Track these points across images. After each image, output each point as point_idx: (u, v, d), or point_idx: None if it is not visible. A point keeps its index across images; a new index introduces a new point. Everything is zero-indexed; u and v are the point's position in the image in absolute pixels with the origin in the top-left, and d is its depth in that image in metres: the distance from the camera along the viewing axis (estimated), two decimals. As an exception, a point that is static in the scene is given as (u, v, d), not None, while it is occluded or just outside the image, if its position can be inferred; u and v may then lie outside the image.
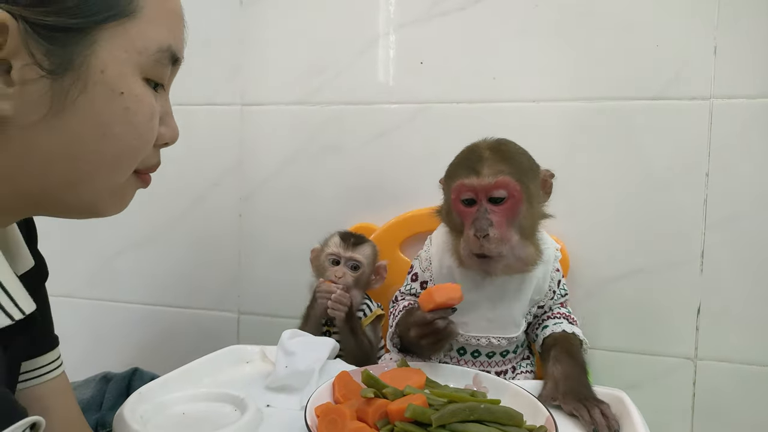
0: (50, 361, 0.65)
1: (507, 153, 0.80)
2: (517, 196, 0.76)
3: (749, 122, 1.02)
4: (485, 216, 0.76)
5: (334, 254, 0.99)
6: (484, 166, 0.77)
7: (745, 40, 1.01)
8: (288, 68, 1.24)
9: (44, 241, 1.52)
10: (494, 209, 0.77)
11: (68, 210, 0.50)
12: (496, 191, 0.76)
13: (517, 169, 0.78)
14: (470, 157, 0.80)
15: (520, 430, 0.55)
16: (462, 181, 0.78)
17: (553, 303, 0.89)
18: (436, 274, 0.88)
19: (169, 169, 1.33)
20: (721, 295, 1.04)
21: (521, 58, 1.12)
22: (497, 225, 0.76)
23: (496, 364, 0.86)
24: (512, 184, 0.76)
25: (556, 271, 0.88)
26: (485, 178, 0.76)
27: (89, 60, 0.43)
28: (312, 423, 0.56)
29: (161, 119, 0.52)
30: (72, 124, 0.43)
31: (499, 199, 0.76)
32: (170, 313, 1.35)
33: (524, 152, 0.83)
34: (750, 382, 1.03)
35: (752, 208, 1.02)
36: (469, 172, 0.78)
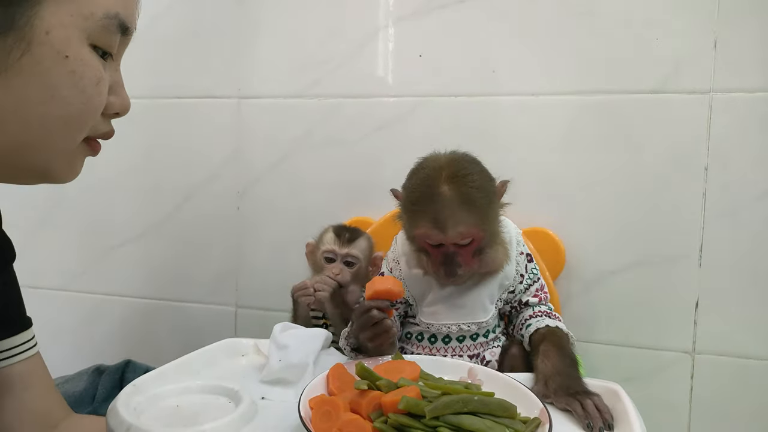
0: (20, 342, 0.65)
1: (467, 196, 0.78)
2: (480, 236, 0.79)
3: (749, 116, 1.01)
4: (453, 260, 0.80)
5: (329, 252, 0.99)
6: (449, 221, 0.77)
7: (745, 33, 1.01)
8: (286, 61, 1.24)
9: (41, 233, 1.53)
10: (460, 251, 0.80)
11: (19, 174, 0.50)
12: (463, 241, 0.79)
13: (479, 211, 0.79)
14: (431, 203, 0.79)
15: (513, 421, 0.54)
16: (428, 234, 0.79)
17: (525, 289, 0.88)
18: (405, 273, 0.88)
19: (166, 162, 1.34)
20: (719, 289, 1.04)
21: (520, 52, 1.11)
22: (464, 263, 0.80)
23: (468, 348, 0.87)
24: (477, 232, 0.78)
25: (521, 254, 0.88)
26: (452, 236, 0.78)
27: (33, 21, 0.43)
28: (306, 415, 0.55)
29: (112, 89, 0.52)
30: (17, 85, 0.44)
31: (465, 245, 0.79)
32: (167, 306, 1.35)
33: (482, 178, 0.81)
34: (748, 376, 1.03)
35: (751, 202, 1.02)
36: (434, 226, 0.78)
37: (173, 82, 1.30)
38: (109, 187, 1.37)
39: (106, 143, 1.46)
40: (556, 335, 0.81)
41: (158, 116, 1.32)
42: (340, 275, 0.96)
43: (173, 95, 1.31)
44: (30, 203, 1.43)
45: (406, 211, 0.84)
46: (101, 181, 1.38)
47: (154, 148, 1.33)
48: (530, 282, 0.88)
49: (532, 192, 1.11)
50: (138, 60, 1.33)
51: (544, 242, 1.08)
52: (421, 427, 0.51)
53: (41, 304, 1.43)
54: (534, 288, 0.88)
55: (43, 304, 1.43)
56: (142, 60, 1.32)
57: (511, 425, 0.54)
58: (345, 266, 0.98)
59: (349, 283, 0.97)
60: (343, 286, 0.96)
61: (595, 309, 1.09)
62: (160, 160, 1.33)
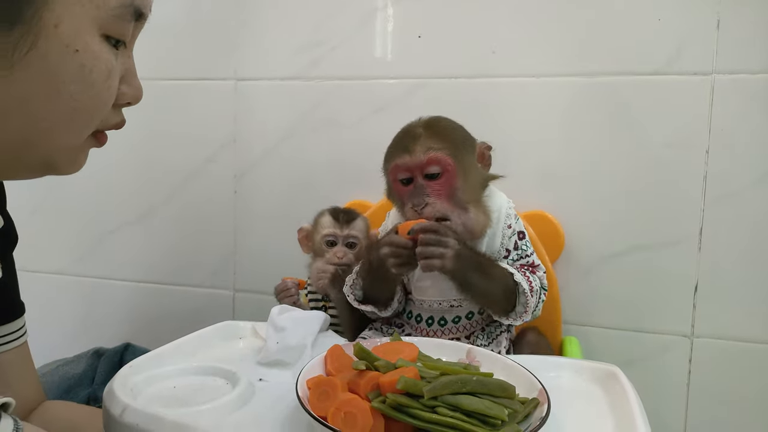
0: (12, 330, 0.64)
1: (439, 129, 0.82)
2: (451, 170, 0.79)
3: (751, 98, 1.00)
4: (422, 190, 0.80)
5: (329, 235, 0.98)
6: (417, 144, 0.80)
7: (748, 13, 0.99)
8: (283, 42, 1.22)
9: (37, 217, 1.53)
10: (430, 184, 0.80)
11: (24, 169, 0.48)
12: (430, 167, 0.79)
13: (450, 144, 0.80)
14: (403, 138, 0.84)
15: (512, 402, 0.54)
16: (396, 162, 0.82)
17: (511, 262, 0.87)
18: None
19: (163, 145, 1.33)
20: (718, 273, 1.04)
21: (521, 33, 1.10)
22: (435, 196, 0.80)
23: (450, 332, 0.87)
24: (445, 159, 0.79)
25: (508, 227, 0.87)
26: (418, 156, 0.79)
27: (41, 13, 0.40)
28: (303, 395, 0.55)
29: (123, 78, 0.50)
30: (23, 79, 0.41)
31: (434, 175, 0.80)
32: (165, 291, 1.35)
33: (458, 127, 0.86)
34: (746, 359, 1.03)
35: (752, 185, 1.01)
36: (403, 152, 0.81)
37: (169, 64, 1.29)
38: (105, 170, 1.36)
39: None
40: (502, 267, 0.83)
41: (154, 98, 1.30)
42: (344, 258, 0.96)
43: (169, 77, 1.29)
44: (27, 187, 1.42)
45: (384, 160, 0.86)
46: (98, 165, 1.36)
47: (151, 131, 1.32)
48: (517, 256, 0.87)
49: (531, 175, 1.10)
50: (135, 42, 1.31)
51: (544, 226, 1.08)
52: (420, 407, 0.51)
53: (40, 288, 1.43)
54: (519, 263, 0.87)
55: (42, 288, 1.42)
56: (138, 41, 1.31)
57: (510, 405, 0.53)
58: (347, 248, 0.97)
59: (353, 265, 0.97)
60: (350, 266, 0.96)
61: (594, 292, 1.09)
62: (157, 143, 1.32)
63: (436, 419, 0.50)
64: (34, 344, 0.72)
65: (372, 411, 0.51)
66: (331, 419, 0.51)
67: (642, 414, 0.58)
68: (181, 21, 1.28)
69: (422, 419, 0.50)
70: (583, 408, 0.63)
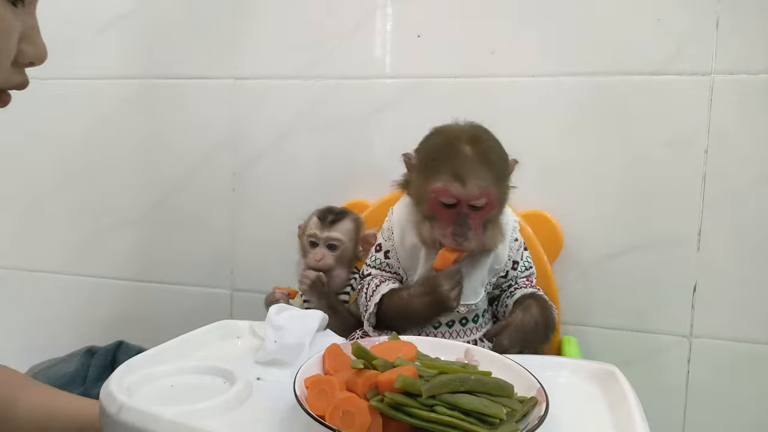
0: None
1: (488, 156, 0.80)
2: (495, 201, 0.80)
3: (750, 98, 1.00)
4: (465, 222, 0.79)
5: (312, 236, 0.98)
6: (470, 175, 0.78)
7: (748, 14, 0.99)
8: (282, 41, 1.22)
9: (33, 216, 1.52)
10: (473, 215, 0.79)
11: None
12: (479, 201, 0.79)
13: (497, 173, 0.80)
14: (453, 158, 0.80)
15: (511, 401, 0.54)
16: (446, 188, 0.79)
17: (517, 275, 0.89)
18: (397, 244, 0.89)
19: (161, 143, 1.32)
20: (717, 273, 1.04)
21: (520, 33, 1.10)
22: (474, 228, 0.79)
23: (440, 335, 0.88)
24: (494, 194, 0.79)
25: (515, 240, 0.89)
26: (471, 190, 0.78)
27: None
28: (301, 394, 0.55)
29: (25, 36, 0.48)
30: None
31: (479, 207, 0.79)
32: (162, 290, 1.34)
33: (499, 147, 0.84)
34: (745, 360, 1.03)
35: (751, 185, 1.01)
36: (454, 178, 0.78)
37: (168, 62, 1.29)
38: (103, 169, 1.36)
39: (103, 125, 1.45)
40: (542, 299, 0.84)
41: (153, 97, 1.31)
42: (321, 261, 0.95)
43: (168, 75, 1.29)
44: (25, 186, 1.42)
45: (423, 168, 0.83)
46: (95, 163, 1.37)
47: (149, 129, 1.32)
48: (524, 268, 0.90)
49: (530, 174, 1.10)
50: (132, 40, 1.31)
51: (542, 225, 1.08)
52: (418, 406, 0.51)
53: (37, 288, 1.42)
54: (526, 274, 0.90)
55: (39, 287, 1.42)
56: (137, 40, 1.31)
57: (508, 404, 0.53)
58: (328, 250, 0.97)
59: (333, 267, 0.96)
60: (325, 271, 0.96)
61: (593, 292, 1.09)
62: (155, 141, 1.32)
63: (435, 418, 0.50)
64: (32, 342, 0.72)
65: (370, 410, 0.51)
66: (329, 418, 0.51)
67: (641, 414, 0.57)
68: (180, 19, 1.27)
69: (420, 418, 0.50)
70: (582, 407, 0.63)
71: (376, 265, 0.91)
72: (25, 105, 1.43)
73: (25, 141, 1.41)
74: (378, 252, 0.92)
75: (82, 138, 1.36)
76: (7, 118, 1.40)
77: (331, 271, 0.96)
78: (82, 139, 1.37)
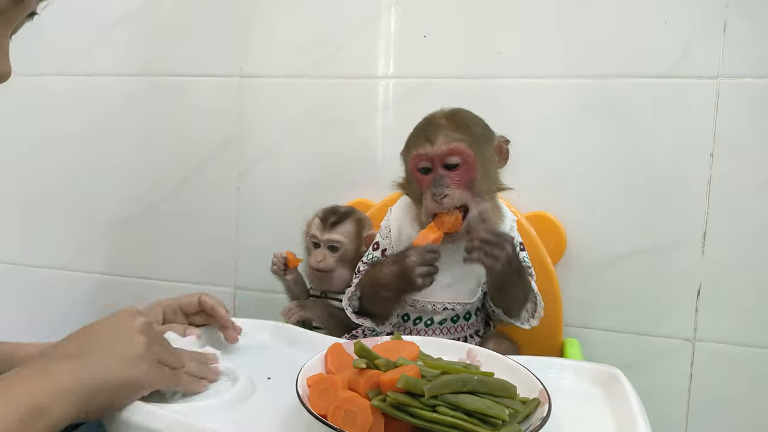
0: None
1: (461, 121, 0.83)
2: (471, 161, 0.80)
3: (756, 102, 1.00)
4: (442, 180, 0.80)
5: (313, 237, 0.99)
6: (439, 134, 0.81)
7: (755, 17, 0.99)
8: (289, 40, 1.22)
9: (40, 213, 1.52)
10: (449, 174, 0.81)
11: None
12: (450, 158, 0.80)
13: (470, 135, 0.82)
14: (426, 127, 0.85)
15: (513, 401, 0.54)
16: (418, 151, 0.82)
17: None
18: (395, 241, 0.90)
19: (166, 141, 1.33)
20: (721, 277, 1.03)
21: (526, 34, 1.10)
22: (454, 185, 0.80)
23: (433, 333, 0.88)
24: (465, 150, 0.80)
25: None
26: (439, 146, 0.80)
27: None
28: (303, 393, 0.55)
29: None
30: None
31: (454, 165, 0.80)
32: (166, 287, 1.35)
33: (479, 120, 0.86)
34: (748, 364, 1.03)
35: (757, 189, 1.01)
36: (424, 141, 0.82)
37: (174, 60, 1.29)
38: (107, 166, 1.36)
39: (107, 122, 1.46)
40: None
41: (158, 94, 1.31)
42: (322, 262, 0.96)
43: (174, 73, 1.29)
44: (30, 182, 1.42)
45: (405, 149, 0.87)
46: (100, 160, 1.37)
47: (154, 127, 1.32)
48: None
49: (534, 176, 1.10)
50: (138, 37, 1.32)
51: (546, 227, 1.08)
52: (420, 406, 0.51)
53: (41, 284, 1.43)
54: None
55: (43, 283, 1.42)
56: (143, 37, 1.31)
57: (511, 405, 0.53)
58: (329, 251, 0.97)
59: (335, 268, 0.97)
60: (327, 272, 0.96)
61: (596, 295, 1.09)
62: (160, 138, 1.32)
63: (437, 418, 0.50)
64: (33, 338, 0.72)
65: (372, 409, 0.51)
66: (331, 417, 0.51)
67: (643, 417, 0.57)
68: (187, 17, 1.28)
69: (422, 418, 0.50)
70: (584, 409, 0.63)
71: (372, 263, 0.92)
72: (29, 101, 1.45)
73: (29, 137, 1.41)
74: (375, 250, 0.92)
75: (87, 135, 1.37)
76: (11, 115, 1.41)
77: (332, 272, 0.96)
78: (87, 136, 1.37)
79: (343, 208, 1.02)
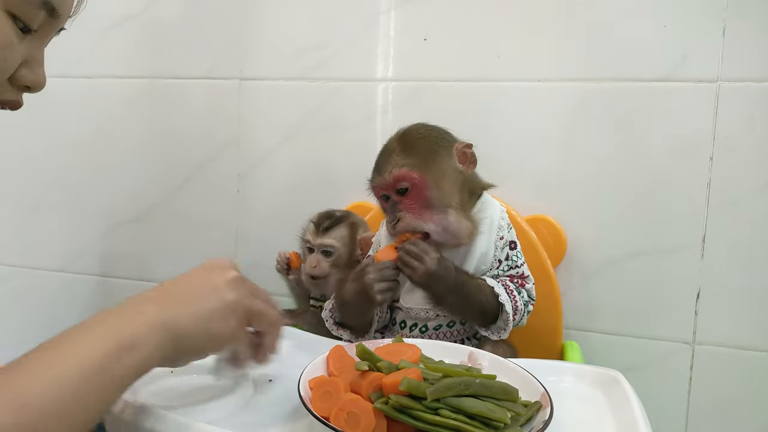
0: None
1: (407, 142, 0.84)
2: (419, 182, 0.80)
3: (756, 106, 1.00)
4: (394, 208, 0.82)
5: (307, 242, 0.99)
6: (386, 163, 0.82)
7: (754, 22, 0.99)
8: (288, 43, 1.22)
9: (41, 214, 1.52)
10: (402, 200, 0.81)
11: None
12: (399, 184, 0.81)
13: (417, 157, 0.82)
14: (380, 155, 0.86)
15: (515, 405, 0.54)
16: (372, 183, 0.85)
17: (501, 272, 0.86)
18: None
19: (166, 143, 1.33)
20: (721, 281, 1.03)
21: (526, 37, 1.10)
22: (407, 210, 0.81)
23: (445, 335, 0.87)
24: (409, 175, 0.80)
25: (500, 239, 0.86)
26: (385, 177, 0.81)
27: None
28: (306, 395, 0.55)
29: (28, 63, 0.53)
30: None
31: (405, 190, 0.81)
32: (166, 288, 1.34)
33: (429, 135, 0.86)
34: (747, 367, 1.03)
35: (756, 193, 1.01)
36: (375, 172, 0.84)
37: (174, 62, 1.29)
38: (107, 167, 1.36)
39: (108, 124, 1.45)
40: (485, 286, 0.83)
41: (158, 97, 1.31)
42: (317, 267, 0.96)
43: (174, 75, 1.29)
44: (29, 184, 1.42)
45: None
46: (100, 161, 1.37)
47: (154, 129, 1.32)
48: (507, 267, 0.87)
49: (535, 178, 1.10)
50: (139, 39, 1.32)
51: (546, 230, 1.08)
52: (422, 409, 0.51)
53: (40, 286, 1.42)
54: (510, 273, 0.87)
55: (43, 285, 1.42)
56: (143, 39, 1.31)
57: (513, 409, 0.53)
58: (323, 256, 0.97)
59: (330, 272, 0.96)
60: (322, 277, 0.96)
61: (596, 298, 1.09)
62: (160, 141, 1.32)
63: (439, 421, 0.50)
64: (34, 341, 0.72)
65: (375, 412, 0.51)
66: (334, 419, 0.51)
67: (645, 420, 0.57)
68: (187, 19, 1.28)
69: (425, 421, 0.50)
70: (585, 412, 0.63)
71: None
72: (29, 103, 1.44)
73: (29, 139, 1.41)
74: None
75: (86, 136, 1.37)
76: (13, 116, 1.40)
77: (328, 277, 0.96)
78: (86, 138, 1.37)
79: (337, 212, 1.02)
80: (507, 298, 0.83)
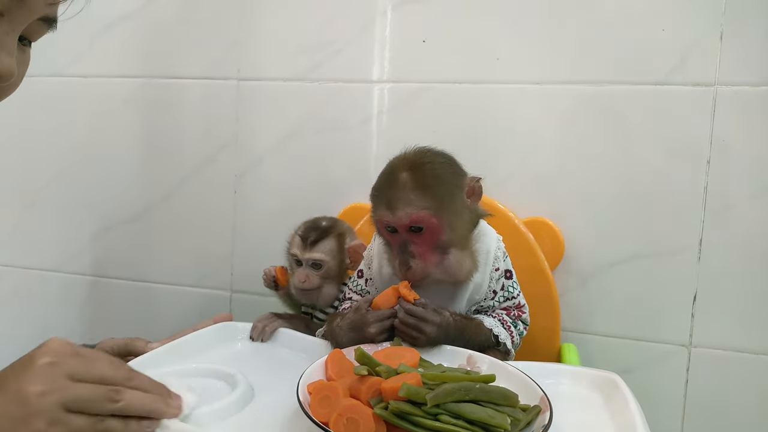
0: None
1: (423, 181, 0.77)
2: (435, 226, 0.76)
3: (752, 110, 1.01)
4: (406, 249, 0.77)
5: (294, 255, 0.96)
6: (399, 201, 0.76)
7: (752, 26, 1.00)
8: (287, 43, 1.22)
9: (36, 213, 1.51)
10: (414, 239, 0.78)
11: None
12: (414, 224, 0.76)
13: (434, 199, 0.77)
14: (388, 186, 0.79)
15: (514, 410, 0.54)
16: (380, 216, 0.79)
17: (496, 303, 0.85)
18: (375, 273, 0.87)
19: (164, 143, 1.32)
20: (717, 283, 1.04)
21: (525, 40, 1.10)
22: (419, 254, 0.77)
23: None
24: (427, 218, 0.76)
25: (495, 270, 0.85)
26: (400, 217, 0.76)
27: None
28: (304, 400, 0.55)
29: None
30: None
31: (419, 229, 0.77)
32: (162, 290, 1.34)
33: (445, 170, 0.80)
34: (744, 369, 1.03)
35: (752, 196, 1.02)
36: (385, 207, 0.78)
37: (172, 63, 1.28)
38: (103, 168, 1.36)
39: (104, 124, 1.44)
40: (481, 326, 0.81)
41: (156, 97, 1.30)
42: (306, 282, 0.94)
43: (172, 75, 1.28)
44: (24, 183, 1.41)
45: (371, 202, 0.82)
46: (96, 162, 1.36)
47: (151, 129, 1.31)
48: (503, 298, 0.85)
49: (533, 181, 1.10)
50: (136, 39, 1.31)
51: (544, 232, 1.08)
52: (422, 415, 0.51)
53: (35, 285, 1.42)
54: (506, 304, 0.86)
55: (37, 285, 1.41)
56: (141, 39, 1.30)
57: (512, 414, 0.53)
58: (312, 269, 0.95)
59: (321, 285, 0.95)
60: (313, 290, 0.95)
61: (593, 300, 1.09)
62: (157, 141, 1.31)
63: (439, 427, 0.50)
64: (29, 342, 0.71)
65: (374, 417, 0.51)
66: (333, 425, 0.51)
67: (643, 422, 0.58)
68: (185, 20, 1.27)
69: (425, 427, 0.50)
70: (583, 414, 0.63)
71: (358, 290, 0.91)
72: (26, 102, 1.43)
73: (25, 138, 1.40)
74: (360, 278, 0.91)
75: (83, 136, 1.36)
76: (8, 115, 1.40)
77: (319, 289, 0.95)
78: (83, 138, 1.36)
79: (323, 222, 0.98)
80: (506, 335, 0.82)
